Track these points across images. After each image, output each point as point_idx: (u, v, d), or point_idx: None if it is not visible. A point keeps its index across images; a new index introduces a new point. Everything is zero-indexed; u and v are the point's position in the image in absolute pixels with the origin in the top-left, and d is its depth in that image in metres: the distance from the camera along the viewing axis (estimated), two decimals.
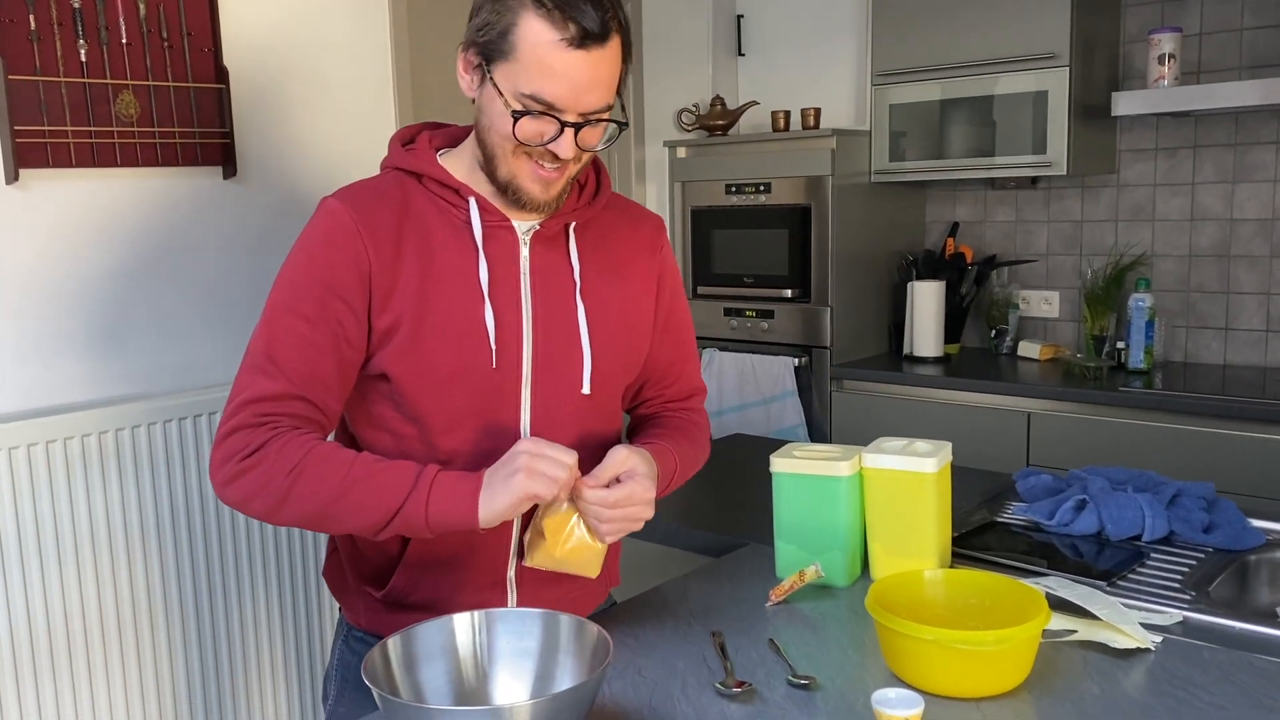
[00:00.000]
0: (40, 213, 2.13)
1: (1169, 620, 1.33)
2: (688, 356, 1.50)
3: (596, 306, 1.32)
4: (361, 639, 1.41)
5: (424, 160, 1.29)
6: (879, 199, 3.54)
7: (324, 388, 1.22)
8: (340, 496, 1.16)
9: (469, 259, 1.26)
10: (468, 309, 1.25)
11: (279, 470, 1.17)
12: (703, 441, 1.49)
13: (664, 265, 1.42)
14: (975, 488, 1.93)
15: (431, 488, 1.16)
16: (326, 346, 1.21)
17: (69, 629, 2.13)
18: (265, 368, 1.20)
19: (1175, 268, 3.28)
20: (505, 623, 1.11)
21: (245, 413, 1.19)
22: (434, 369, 1.24)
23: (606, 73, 1.17)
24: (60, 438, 2.09)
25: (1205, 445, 2.72)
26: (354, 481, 1.16)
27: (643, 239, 1.40)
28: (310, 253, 1.23)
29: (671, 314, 1.44)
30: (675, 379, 1.48)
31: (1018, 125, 3.16)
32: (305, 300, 1.21)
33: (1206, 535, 1.60)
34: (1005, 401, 3.05)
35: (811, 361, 3.43)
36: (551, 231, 1.31)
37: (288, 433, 1.19)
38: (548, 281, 1.30)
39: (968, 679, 1.13)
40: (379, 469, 1.18)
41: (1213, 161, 3.18)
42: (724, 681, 1.18)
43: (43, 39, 2.09)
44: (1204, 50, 3.13)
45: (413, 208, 1.26)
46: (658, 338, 1.42)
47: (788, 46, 3.93)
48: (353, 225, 1.22)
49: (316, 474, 1.16)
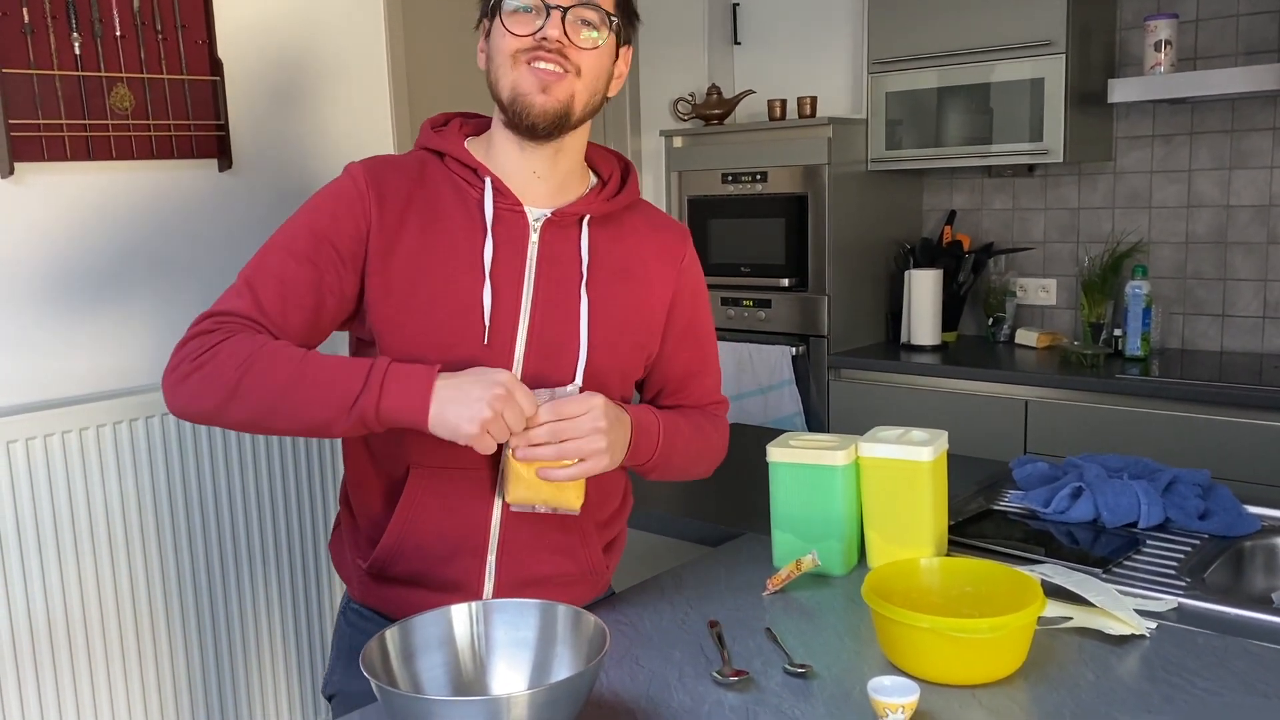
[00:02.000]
0: (36, 206, 2.13)
1: (1164, 607, 1.33)
2: (708, 370, 1.48)
3: (600, 302, 1.32)
4: (357, 611, 1.43)
5: (450, 141, 1.32)
6: (876, 187, 3.54)
7: (290, 326, 1.24)
8: (290, 388, 1.16)
9: (475, 237, 1.27)
10: (465, 284, 1.26)
11: (229, 364, 1.17)
12: (709, 434, 1.45)
13: (684, 276, 1.42)
14: (972, 476, 1.94)
15: (384, 379, 1.15)
16: (306, 287, 1.24)
17: (69, 621, 2.13)
18: (240, 290, 1.24)
19: (1172, 255, 3.28)
20: (503, 613, 1.12)
21: (206, 322, 1.22)
22: (422, 336, 1.25)
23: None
24: (59, 431, 2.09)
25: (1201, 432, 2.73)
26: (303, 374, 1.16)
27: (663, 245, 1.40)
28: (317, 204, 1.29)
29: (691, 325, 1.43)
30: (693, 390, 1.46)
31: (1014, 113, 3.16)
32: (298, 240, 1.25)
33: (1202, 522, 1.60)
34: (1003, 389, 3.06)
35: (809, 350, 3.43)
36: (566, 221, 1.31)
37: (241, 331, 1.20)
38: (554, 270, 1.30)
39: (964, 667, 1.14)
40: (331, 362, 1.17)
41: (1209, 148, 3.18)
42: (721, 670, 1.18)
43: (36, 32, 2.09)
44: (1200, 37, 3.12)
45: (429, 182, 1.30)
46: (673, 348, 1.42)
47: (784, 35, 3.92)
48: (363, 183, 1.27)
49: (267, 366, 1.16)
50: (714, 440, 1.47)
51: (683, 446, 1.38)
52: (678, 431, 1.37)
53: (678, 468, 1.40)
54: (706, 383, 1.48)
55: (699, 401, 1.48)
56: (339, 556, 1.45)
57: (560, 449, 1.19)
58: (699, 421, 1.44)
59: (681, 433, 1.38)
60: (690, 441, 1.40)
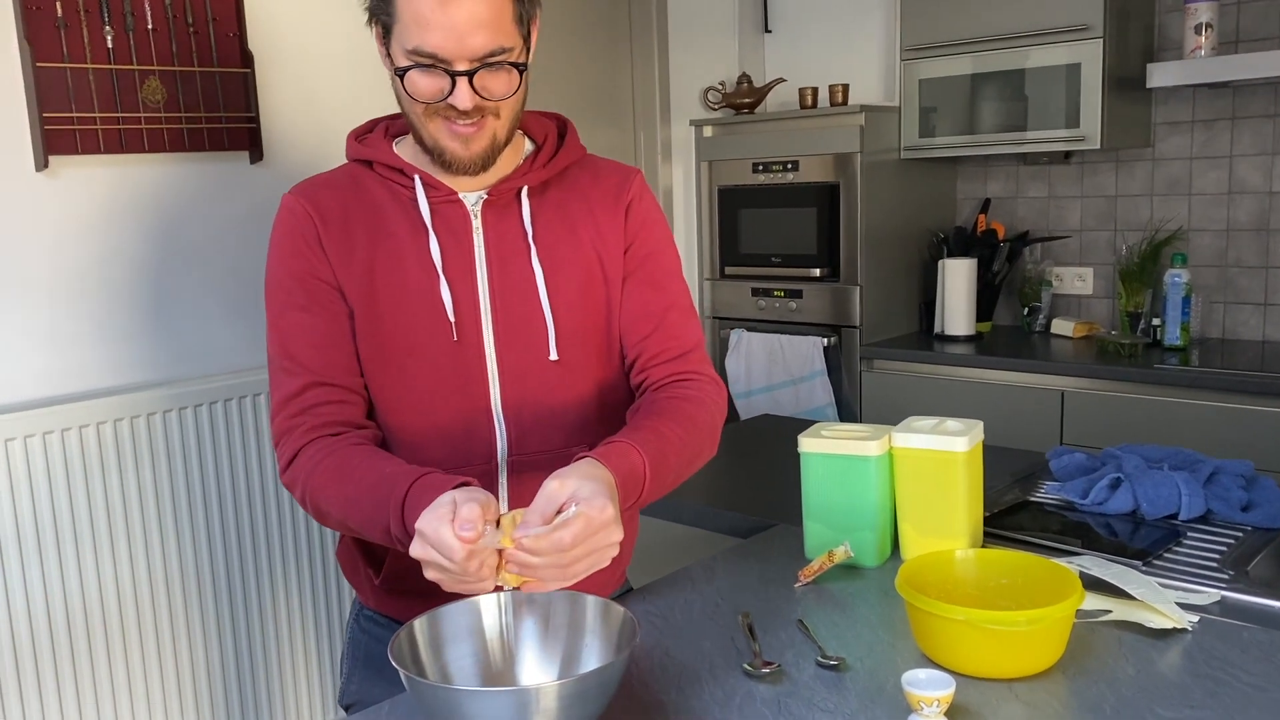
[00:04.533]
0: (69, 199, 2.15)
1: (1206, 600, 1.30)
2: (670, 305, 1.35)
3: (556, 268, 1.29)
4: (371, 618, 1.43)
5: (373, 148, 1.31)
6: (908, 176, 3.50)
7: (342, 367, 1.26)
8: (344, 521, 1.20)
9: (420, 237, 1.27)
10: (422, 285, 1.26)
11: (301, 497, 1.24)
12: (693, 418, 1.28)
13: (633, 211, 1.34)
14: (1007, 467, 1.91)
15: (404, 503, 1.10)
16: (329, 327, 1.26)
17: (87, 616, 2.15)
18: (286, 365, 1.26)
19: (1213, 242, 3.22)
20: (531, 604, 1.11)
21: (279, 417, 1.26)
22: (393, 346, 1.26)
23: (487, 12, 1.14)
24: (93, 422, 2.11)
25: (1243, 422, 2.67)
26: (349, 505, 1.18)
27: (607, 191, 1.34)
28: (280, 251, 1.28)
29: (646, 260, 1.34)
30: (654, 330, 1.33)
31: (1050, 99, 3.11)
32: (294, 293, 1.26)
33: (1245, 514, 1.57)
34: (1038, 380, 3.02)
35: (841, 341, 3.40)
36: (504, 199, 1.30)
37: (307, 449, 1.23)
38: (502, 250, 1.29)
39: (1000, 660, 1.11)
40: (364, 490, 1.15)
41: (1251, 133, 3.11)
42: (752, 663, 1.17)
43: (70, 26, 2.10)
44: (1242, 19, 3.06)
45: (364, 193, 1.29)
46: (630, 286, 1.34)
47: (815, 22, 3.88)
48: (299, 210, 1.27)
49: (321, 502, 1.21)
50: (699, 421, 1.29)
51: (669, 458, 1.22)
52: (661, 447, 1.21)
53: (669, 486, 1.25)
54: (669, 319, 1.34)
55: (670, 348, 1.33)
56: (348, 565, 1.44)
57: (593, 564, 1.05)
58: (675, 415, 1.26)
59: (665, 442, 1.22)
60: (681, 445, 1.25)
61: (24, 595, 2.04)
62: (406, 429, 1.29)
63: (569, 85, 3.64)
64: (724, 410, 1.36)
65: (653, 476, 1.18)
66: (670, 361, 1.34)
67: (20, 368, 2.11)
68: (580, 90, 3.69)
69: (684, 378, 1.34)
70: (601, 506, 1.02)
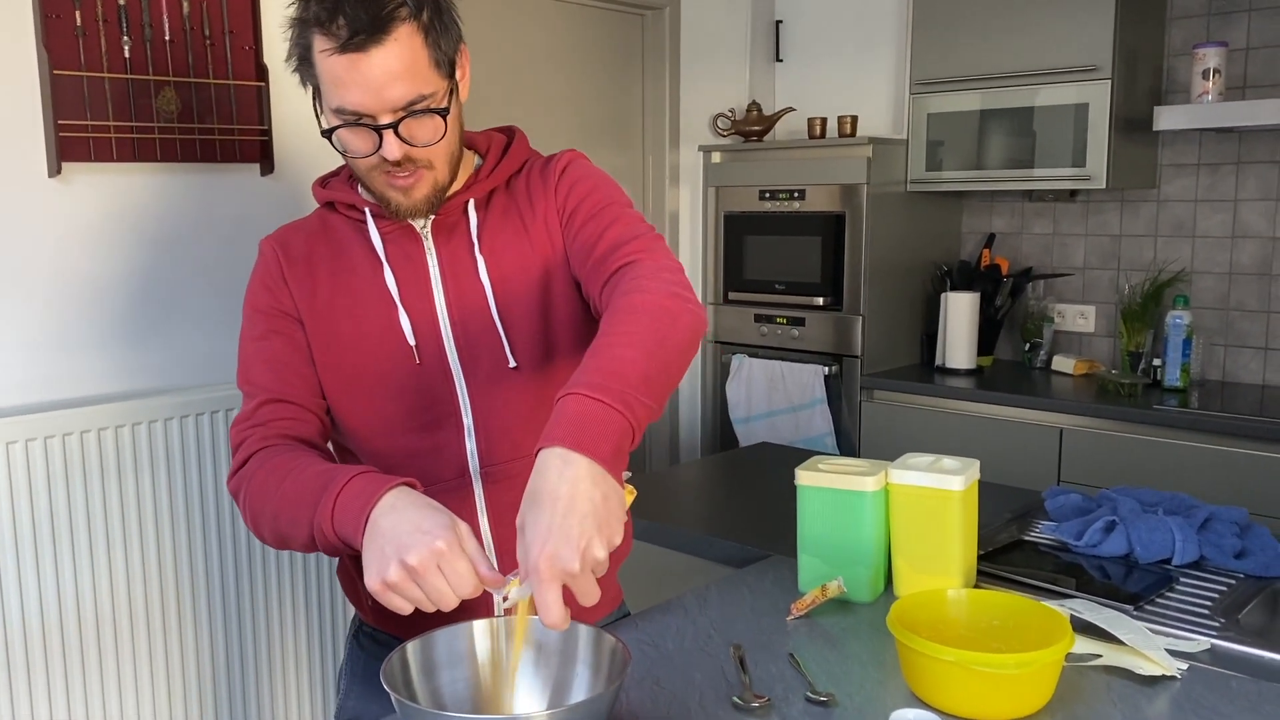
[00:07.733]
0: (81, 206, 2.17)
1: (1196, 648, 1.31)
2: (608, 224, 1.26)
3: (508, 275, 1.31)
4: (370, 635, 1.44)
5: (333, 190, 1.35)
6: (914, 208, 3.52)
7: (297, 388, 1.29)
8: (276, 518, 1.19)
9: (377, 268, 1.31)
10: (383, 314, 1.30)
11: (245, 497, 1.24)
12: (634, 309, 1.11)
13: (562, 181, 1.32)
14: (1004, 505, 1.91)
15: (337, 498, 1.10)
16: (285, 350, 1.30)
17: (81, 623, 2.15)
18: (245, 390, 1.31)
19: (1215, 285, 3.23)
20: (524, 631, 1.11)
21: (234, 431, 1.29)
22: (360, 376, 1.29)
23: (399, 64, 1.15)
24: (95, 428, 2.12)
25: (1240, 467, 2.68)
26: (283, 500, 1.18)
27: (545, 175, 1.34)
28: (251, 290, 1.35)
29: (578, 208, 1.29)
30: (594, 247, 1.25)
31: (1057, 137, 3.13)
32: (256, 325, 1.32)
33: (1238, 561, 1.57)
34: (1038, 416, 3.02)
35: (842, 370, 3.41)
36: (452, 217, 1.32)
37: (257, 455, 1.24)
38: (455, 268, 1.31)
39: (988, 702, 1.12)
40: (308, 475, 1.16)
41: (1256, 178, 3.13)
42: (742, 695, 1.17)
43: (87, 35, 2.12)
44: (1250, 66, 3.08)
45: (330, 232, 1.34)
46: (570, 233, 1.29)
47: (826, 53, 3.91)
48: (270, 252, 1.34)
49: (260, 501, 1.21)
50: (649, 307, 1.11)
51: (633, 359, 1.05)
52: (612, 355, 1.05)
53: (668, 384, 1.09)
54: (609, 234, 1.25)
55: (611, 259, 1.22)
56: (347, 584, 1.45)
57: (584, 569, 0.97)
58: (620, 316, 1.11)
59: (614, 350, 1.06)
60: (637, 339, 1.08)
61: (19, 602, 2.04)
62: (380, 453, 1.32)
63: (579, 107, 3.66)
64: (675, 276, 1.18)
65: (622, 404, 1.01)
66: (608, 265, 1.22)
67: (24, 371, 2.12)
68: (590, 112, 3.71)
69: (619, 271, 1.20)
70: (533, 507, 0.96)
